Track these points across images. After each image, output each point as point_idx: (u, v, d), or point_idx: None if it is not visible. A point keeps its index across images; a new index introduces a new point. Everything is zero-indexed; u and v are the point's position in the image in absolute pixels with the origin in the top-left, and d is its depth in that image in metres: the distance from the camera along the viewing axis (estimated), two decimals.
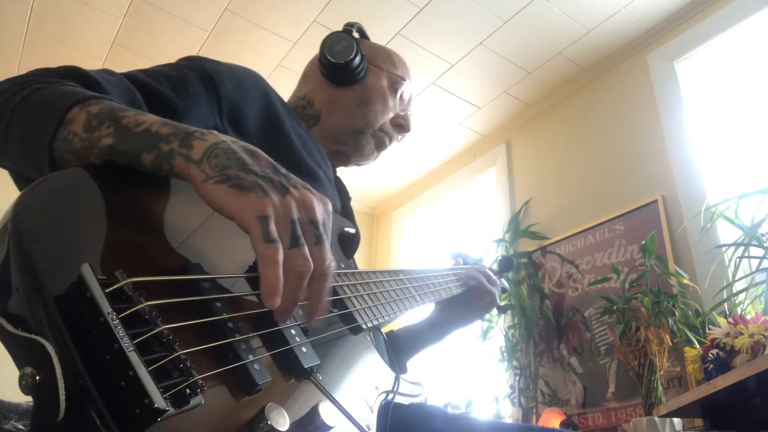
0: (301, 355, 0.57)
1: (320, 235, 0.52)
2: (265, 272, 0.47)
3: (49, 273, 0.42)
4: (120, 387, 0.39)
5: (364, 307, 0.77)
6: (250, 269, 0.58)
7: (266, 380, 0.51)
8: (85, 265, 0.42)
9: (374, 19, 2.48)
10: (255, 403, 0.49)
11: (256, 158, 0.53)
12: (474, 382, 2.79)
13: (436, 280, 1.07)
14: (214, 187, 0.49)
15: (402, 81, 1.10)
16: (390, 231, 3.93)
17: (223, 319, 0.50)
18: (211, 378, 0.46)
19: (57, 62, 0.67)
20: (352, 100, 1.05)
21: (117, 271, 0.44)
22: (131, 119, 0.54)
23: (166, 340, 0.43)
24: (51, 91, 0.58)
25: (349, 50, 1.02)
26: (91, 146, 0.53)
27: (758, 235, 1.62)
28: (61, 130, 0.55)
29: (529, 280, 2.63)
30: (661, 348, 1.78)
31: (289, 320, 0.59)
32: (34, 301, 0.41)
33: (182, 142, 0.52)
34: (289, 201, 0.51)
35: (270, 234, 0.48)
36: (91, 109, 0.55)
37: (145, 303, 0.43)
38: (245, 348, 0.51)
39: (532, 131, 3.05)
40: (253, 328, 0.55)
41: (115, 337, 0.40)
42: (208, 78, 0.81)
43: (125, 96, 0.69)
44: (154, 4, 2.47)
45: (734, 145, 2.21)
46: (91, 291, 0.41)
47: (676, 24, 2.45)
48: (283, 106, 0.95)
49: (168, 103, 0.73)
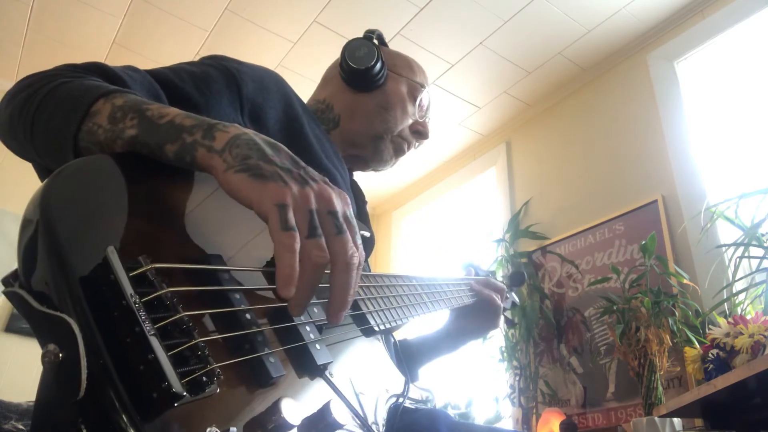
0: (315, 352, 0.57)
1: (340, 225, 0.52)
2: (282, 260, 0.47)
3: (75, 253, 0.43)
4: (139, 370, 0.40)
5: (377, 309, 0.77)
6: (268, 264, 0.58)
7: (281, 374, 0.51)
8: (111, 248, 0.43)
9: (374, 19, 2.48)
10: (268, 396, 0.49)
11: (277, 150, 0.54)
12: (474, 382, 2.79)
13: (448, 288, 1.08)
14: (234, 176, 0.50)
15: (421, 88, 1.12)
16: (390, 231, 3.94)
17: (241, 310, 0.51)
18: (227, 368, 0.47)
19: (57, 62, 0.68)
20: (372, 105, 1.06)
21: (140, 257, 0.44)
22: (155, 111, 0.56)
23: (185, 327, 0.43)
24: (77, 85, 0.59)
25: (370, 56, 1.03)
26: (115, 137, 0.54)
27: (758, 235, 1.62)
28: (86, 121, 0.56)
29: (529, 280, 2.63)
30: (661, 348, 1.78)
31: (305, 317, 0.59)
32: (59, 279, 0.41)
33: (205, 133, 0.53)
34: (308, 192, 0.51)
35: (288, 222, 0.48)
36: (116, 102, 0.57)
37: (167, 289, 0.44)
38: (261, 341, 0.51)
39: (532, 131, 3.05)
40: (270, 322, 0.55)
41: (137, 320, 0.40)
42: (230, 77, 0.82)
43: (148, 92, 0.70)
44: (154, 4, 2.47)
45: (734, 145, 2.21)
46: (116, 273, 0.42)
47: (676, 24, 2.45)
48: (302, 107, 0.96)
49: (190, 100, 0.75)
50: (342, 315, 0.52)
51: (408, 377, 0.79)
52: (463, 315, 1.18)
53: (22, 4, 2.47)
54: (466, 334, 1.20)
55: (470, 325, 1.19)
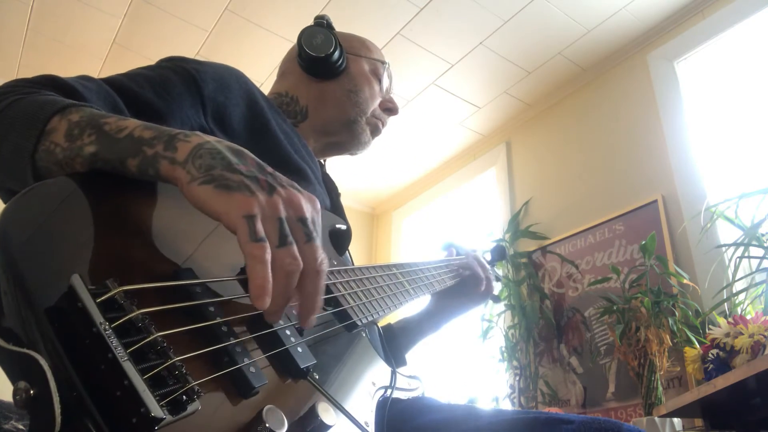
0: (297, 356, 0.57)
1: (310, 232, 0.51)
2: (254, 272, 0.47)
3: (38, 284, 0.41)
4: (116, 397, 0.39)
5: (358, 303, 0.76)
6: (241, 272, 0.57)
7: (263, 383, 0.50)
8: (75, 275, 0.42)
9: (374, 19, 2.48)
10: (252, 407, 0.49)
11: (242, 157, 0.53)
12: (474, 382, 2.79)
13: (430, 272, 1.07)
14: (199, 188, 0.49)
15: (382, 65, 1.11)
16: (390, 231, 3.93)
17: (216, 323, 0.50)
18: (207, 383, 0.46)
19: (57, 62, 0.67)
20: (340, 91, 1.05)
21: (108, 280, 0.43)
22: (113, 125, 0.54)
23: (160, 348, 0.43)
24: (29, 102, 0.57)
25: (328, 43, 1.01)
26: (75, 155, 0.53)
27: (758, 235, 1.62)
28: (43, 141, 0.54)
29: (529, 280, 2.63)
30: (661, 348, 1.78)
31: (284, 321, 0.58)
32: (24, 313, 0.40)
33: (166, 145, 0.52)
34: (276, 200, 0.50)
35: (257, 233, 0.47)
36: (72, 118, 0.55)
37: (137, 311, 0.43)
38: (240, 351, 0.50)
39: (532, 131, 3.05)
40: (248, 330, 0.54)
41: (108, 347, 0.40)
42: (190, 78, 0.80)
43: (106, 102, 0.67)
44: (154, 4, 2.47)
45: (734, 145, 2.21)
46: (83, 301, 0.41)
47: (676, 24, 2.45)
48: (267, 103, 0.94)
49: (151, 106, 0.72)
50: (313, 319, 0.53)
51: (395, 368, 0.79)
52: (446, 295, 1.17)
53: (22, 4, 2.46)
54: (450, 313, 1.19)
55: (453, 304, 1.18)
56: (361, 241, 3.98)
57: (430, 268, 1.08)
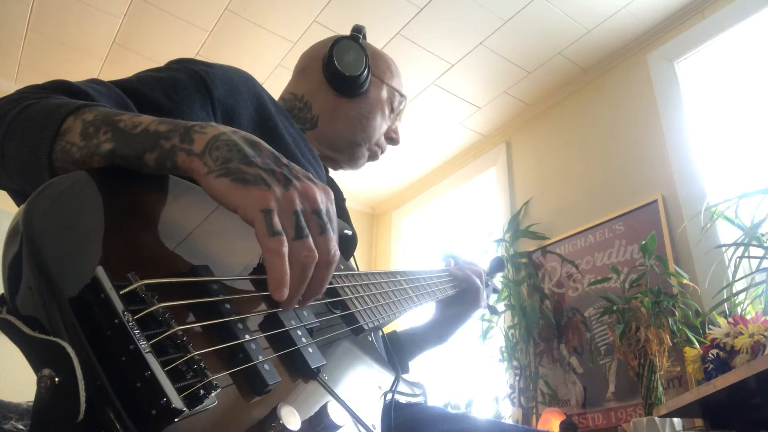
0: (308, 356, 0.58)
1: (324, 224, 0.53)
2: (272, 265, 0.48)
3: (63, 275, 0.42)
4: (136, 388, 0.39)
5: (365, 308, 0.77)
6: (256, 270, 0.58)
7: (276, 381, 0.51)
8: (100, 267, 0.42)
9: (374, 19, 2.48)
10: (266, 403, 0.50)
11: (258, 149, 0.53)
12: (474, 382, 2.79)
13: (431, 281, 1.09)
14: (217, 181, 0.50)
15: (402, 99, 1.12)
16: (390, 231, 3.93)
17: (233, 320, 0.51)
18: (222, 378, 0.47)
19: (57, 62, 0.67)
20: (354, 112, 1.05)
21: (129, 274, 0.44)
22: (128, 122, 0.54)
23: (180, 341, 0.43)
24: (43, 105, 0.57)
25: (359, 63, 1.00)
26: (92, 153, 0.53)
27: (758, 235, 1.62)
28: (58, 141, 0.54)
29: (529, 280, 2.63)
30: (661, 348, 1.78)
31: (295, 321, 0.59)
32: (49, 302, 0.41)
33: (182, 137, 0.52)
34: (292, 193, 0.51)
35: (274, 227, 0.48)
36: (86, 117, 0.55)
37: (158, 305, 0.44)
38: (255, 349, 0.51)
39: (532, 131, 3.05)
40: (261, 329, 0.55)
41: (131, 338, 0.40)
42: (200, 80, 0.80)
43: (117, 104, 0.68)
44: (154, 4, 2.47)
45: (734, 145, 2.21)
46: (106, 293, 0.41)
47: (676, 24, 2.45)
48: (275, 106, 0.94)
49: (161, 108, 0.73)
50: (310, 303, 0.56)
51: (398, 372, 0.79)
52: (448, 304, 1.19)
53: (22, 4, 2.46)
54: (453, 322, 1.20)
55: (455, 311, 1.20)
56: (361, 242, 3.98)
57: (431, 276, 1.10)
